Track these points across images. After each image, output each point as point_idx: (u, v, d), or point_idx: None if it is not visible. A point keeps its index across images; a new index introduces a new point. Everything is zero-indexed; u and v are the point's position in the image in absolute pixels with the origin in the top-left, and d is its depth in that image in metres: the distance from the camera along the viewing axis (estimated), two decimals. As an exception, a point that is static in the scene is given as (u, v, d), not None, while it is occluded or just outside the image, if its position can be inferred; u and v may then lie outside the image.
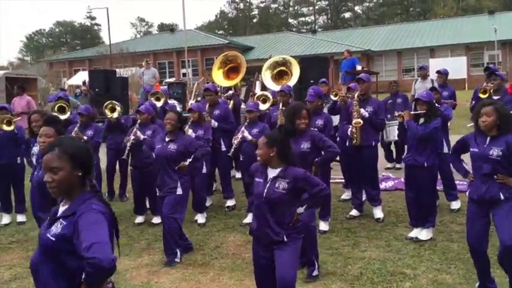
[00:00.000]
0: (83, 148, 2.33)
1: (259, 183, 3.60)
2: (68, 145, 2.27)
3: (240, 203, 7.17)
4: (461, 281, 4.43)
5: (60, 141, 2.31)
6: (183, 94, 13.98)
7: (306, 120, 4.66)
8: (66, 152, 2.24)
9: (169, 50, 37.87)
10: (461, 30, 34.40)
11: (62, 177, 2.22)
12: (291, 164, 3.56)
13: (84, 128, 6.69)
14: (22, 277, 4.99)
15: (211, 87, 7.44)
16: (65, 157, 2.23)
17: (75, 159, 2.25)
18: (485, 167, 3.96)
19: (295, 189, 3.52)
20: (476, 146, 4.06)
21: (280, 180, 3.50)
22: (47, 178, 2.22)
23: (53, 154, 2.23)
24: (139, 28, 75.90)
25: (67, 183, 2.24)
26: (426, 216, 5.47)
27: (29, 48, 73.12)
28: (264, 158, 3.54)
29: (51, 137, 3.90)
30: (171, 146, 5.35)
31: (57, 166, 2.21)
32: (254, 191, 3.66)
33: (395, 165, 9.05)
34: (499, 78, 6.69)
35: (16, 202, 7.05)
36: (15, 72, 21.28)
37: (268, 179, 3.54)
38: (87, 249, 2.00)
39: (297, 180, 3.50)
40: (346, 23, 66.43)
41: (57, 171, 2.21)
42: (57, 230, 2.21)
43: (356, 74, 11.07)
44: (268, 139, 3.52)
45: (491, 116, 3.92)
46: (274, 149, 3.50)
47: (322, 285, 4.51)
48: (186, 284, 4.68)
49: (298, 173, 3.54)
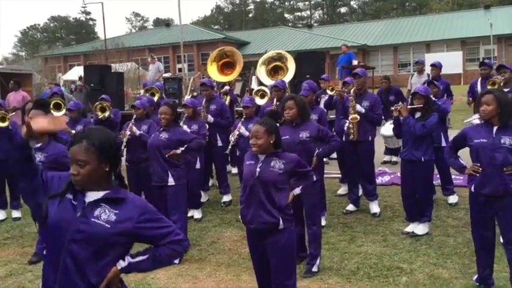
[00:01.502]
0: (111, 140, 2.21)
1: (250, 164, 3.52)
2: (96, 137, 2.16)
3: (236, 198, 7.14)
4: (458, 275, 4.44)
5: (88, 133, 2.19)
6: (179, 89, 13.91)
7: (291, 110, 4.61)
8: (94, 145, 2.13)
9: (165, 45, 37.77)
10: (457, 25, 34.41)
11: (88, 171, 2.12)
12: (282, 150, 3.57)
13: (74, 123, 6.65)
14: (18, 273, 4.97)
15: (207, 82, 7.41)
16: (93, 150, 2.12)
17: (103, 153, 2.14)
18: (497, 156, 3.82)
19: (291, 171, 3.52)
20: (481, 136, 3.93)
21: (276, 160, 3.46)
22: (72, 170, 2.12)
23: (80, 146, 2.12)
24: (134, 23, 75.70)
25: (93, 177, 2.14)
26: (422, 210, 5.47)
27: (24, 43, 72.74)
28: (264, 147, 3.45)
29: None
30: (162, 135, 5.32)
31: (84, 159, 2.11)
32: (244, 173, 3.57)
33: (392, 158, 9.05)
34: (509, 71, 6.63)
35: (11, 198, 7.01)
36: (10, 68, 21.12)
37: (260, 160, 3.49)
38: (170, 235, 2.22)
39: (295, 163, 3.52)
40: (342, 17, 66.33)
41: (84, 165, 2.11)
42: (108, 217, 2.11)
43: (352, 69, 11.04)
44: (267, 126, 3.44)
45: (491, 104, 3.83)
46: (273, 136, 3.47)
47: (319, 280, 4.51)
48: (182, 279, 4.67)
49: (294, 156, 3.59)
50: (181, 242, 2.25)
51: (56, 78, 28.24)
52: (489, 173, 3.88)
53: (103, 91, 10.83)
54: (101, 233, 2.08)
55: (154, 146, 5.32)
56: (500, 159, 3.83)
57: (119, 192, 2.19)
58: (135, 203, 2.19)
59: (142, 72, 25.61)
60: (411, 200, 5.54)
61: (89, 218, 2.11)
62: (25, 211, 6.97)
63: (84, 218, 2.10)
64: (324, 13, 70.75)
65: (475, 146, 3.98)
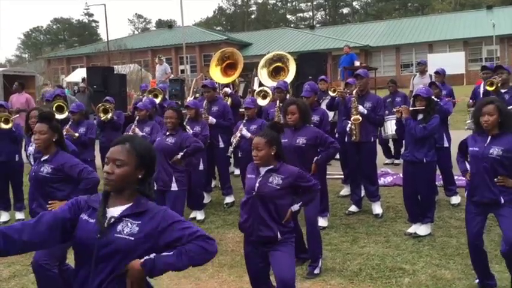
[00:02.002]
0: (151, 150, 2.25)
1: (250, 178, 3.57)
2: (139, 143, 2.22)
3: (238, 200, 7.15)
4: (460, 276, 4.44)
5: (132, 138, 2.26)
6: (181, 90, 13.95)
7: (294, 115, 4.59)
8: (136, 149, 2.17)
9: (167, 46, 37.82)
10: (459, 25, 34.39)
11: (123, 172, 2.13)
12: (284, 161, 3.56)
13: (77, 125, 6.66)
14: (21, 275, 4.99)
15: (209, 83, 7.42)
16: (134, 153, 2.16)
17: (142, 159, 2.18)
18: (484, 166, 3.89)
19: (289, 186, 3.50)
20: (475, 145, 3.99)
21: (275, 175, 3.47)
22: (108, 169, 2.13)
23: (122, 147, 2.16)
24: (137, 25, 75.82)
25: (126, 180, 2.15)
26: (425, 211, 5.47)
27: (27, 45, 72.96)
28: (265, 159, 3.46)
29: (45, 134, 3.87)
30: (169, 140, 5.36)
31: (123, 160, 2.14)
32: (245, 186, 3.63)
33: (393, 161, 9.06)
34: (506, 71, 6.66)
35: (14, 200, 7.03)
36: (13, 70, 21.23)
37: (260, 174, 3.51)
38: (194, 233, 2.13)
39: (294, 177, 3.50)
40: (344, 18, 66.32)
41: (121, 165, 2.14)
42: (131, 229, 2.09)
43: (354, 70, 11.04)
44: (268, 138, 3.45)
45: (494, 114, 3.84)
46: (273, 147, 3.47)
47: (321, 281, 4.52)
48: (185, 280, 4.68)
49: (294, 170, 3.54)
50: (207, 239, 2.15)
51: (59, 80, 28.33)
52: (476, 181, 3.97)
53: (106, 93, 10.85)
54: (126, 246, 2.08)
55: (160, 150, 5.33)
56: (485, 169, 3.89)
57: (140, 206, 2.17)
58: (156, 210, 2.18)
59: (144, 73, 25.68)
60: (413, 200, 5.54)
61: (112, 234, 2.10)
62: (28, 213, 6.98)
63: (107, 237, 2.09)
64: (326, 14, 70.77)
65: (469, 153, 4.08)
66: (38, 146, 3.94)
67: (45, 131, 3.88)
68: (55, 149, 3.93)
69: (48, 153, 3.91)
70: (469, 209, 4.11)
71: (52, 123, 3.97)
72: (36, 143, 3.96)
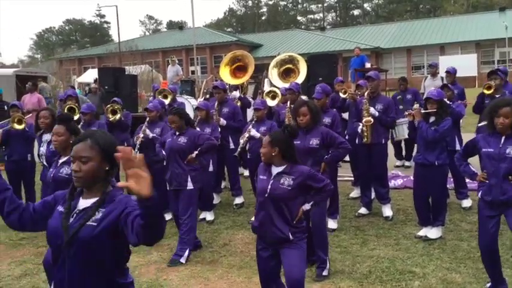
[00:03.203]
0: (113, 142, 2.29)
1: (262, 180, 3.61)
2: (100, 137, 2.28)
3: (248, 201, 7.17)
4: (471, 280, 4.40)
5: (92, 133, 2.32)
6: (191, 92, 14.00)
7: (305, 117, 4.61)
8: (98, 143, 2.24)
9: (178, 47, 37.97)
10: (471, 27, 34.12)
11: (90, 168, 2.21)
12: (295, 162, 3.59)
13: (88, 126, 6.69)
14: (32, 273, 5.03)
15: (220, 85, 7.44)
16: (96, 148, 2.23)
17: (105, 152, 2.24)
18: (502, 167, 3.85)
19: (300, 186, 3.54)
20: (489, 145, 3.95)
21: (285, 177, 3.53)
22: (74, 167, 2.21)
23: (84, 144, 2.24)
24: (148, 26, 76.33)
25: (93, 175, 2.23)
26: (436, 215, 5.43)
27: (39, 46, 73.69)
28: (267, 157, 3.57)
29: (62, 136, 3.92)
30: (181, 139, 5.36)
31: (87, 156, 2.22)
32: (257, 188, 3.67)
33: (404, 163, 9.01)
34: (500, 77, 6.76)
35: (26, 199, 7.09)
36: (26, 70, 21.44)
37: (272, 176, 3.56)
38: None
39: (304, 177, 3.53)
40: (355, 20, 66.17)
41: (87, 161, 2.21)
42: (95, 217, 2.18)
43: (365, 72, 11.01)
44: (271, 138, 3.55)
45: (510, 117, 3.80)
46: (276, 148, 3.52)
47: (330, 283, 4.50)
48: (194, 281, 4.69)
49: (305, 170, 3.59)
50: None
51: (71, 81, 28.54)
52: (493, 182, 3.92)
53: (117, 94, 10.91)
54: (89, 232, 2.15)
55: (173, 151, 5.37)
56: (504, 170, 3.85)
57: (107, 198, 2.24)
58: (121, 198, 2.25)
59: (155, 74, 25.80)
60: (424, 204, 5.51)
61: (58, 170, 2.22)
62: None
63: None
64: (337, 15, 70.64)
65: (483, 155, 4.02)
66: (55, 147, 3.99)
67: (63, 132, 3.93)
68: None
69: (67, 155, 3.95)
70: (483, 210, 4.05)
71: (70, 125, 4.02)
72: (54, 145, 4.00)
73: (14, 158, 6.79)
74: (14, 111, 6.81)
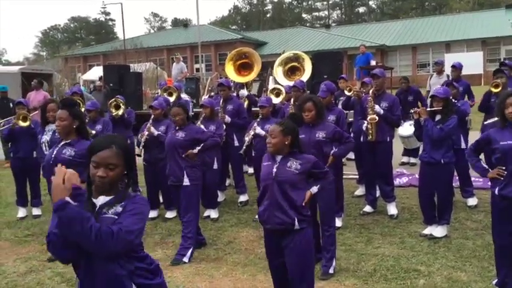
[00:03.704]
0: (131, 147, 2.37)
1: (267, 165, 3.56)
2: (122, 144, 2.32)
3: (252, 198, 7.17)
4: (476, 279, 4.38)
5: (114, 139, 2.33)
6: (196, 89, 14.01)
7: (311, 112, 4.62)
8: (123, 150, 2.28)
9: (183, 45, 37.96)
10: (477, 24, 33.90)
11: (116, 174, 2.25)
12: (301, 151, 3.59)
13: (93, 123, 6.72)
14: (38, 270, 5.05)
15: (224, 82, 7.44)
16: (121, 155, 2.27)
17: (127, 158, 2.31)
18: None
19: (307, 172, 3.53)
20: (505, 139, 3.86)
21: (292, 160, 3.49)
22: (101, 173, 2.21)
23: (111, 151, 2.25)
24: (153, 23, 76.29)
25: (118, 180, 2.28)
26: (441, 213, 5.41)
27: (45, 43, 73.87)
28: (278, 147, 3.48)
29: (65, 120, 3.90)
30: (179, 134, 5.33)
31: (115, 163, 2.24)
32: (261, 174, 3.61)
33: (410, 159, 8.97)
34: (505, 76, 6.78)
35: (32, 196, 7.14)
36: (31, 68, 21.51)
37: (277, 160, 3.52)
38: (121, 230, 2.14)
39: (311, 163, 3.53)
40: (360, 17, 65.91)
41: (114, 169, 2.24)
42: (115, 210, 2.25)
43: (370, 69, 10.98)
44: (284, 127, 3.48)
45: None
46: (289, 137, 3.49)
47: (335, 281, 4.50)
48: (199, 278, 4.70)
49: (311, 157, 3.59)
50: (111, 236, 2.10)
51: (76, 78, 28.62)
52: None
53: (121, 91, 10.94)
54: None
55: (171, 145, 5.34)
56: None
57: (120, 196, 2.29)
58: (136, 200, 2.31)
59: (160, 72, 25.81)
60: (429, 202, 5.48)
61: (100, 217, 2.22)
62: (45, 209, 7.08)
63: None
64: (342, 13, 70.42)
65: (501, 148, 3.90)
66: (58, 132, 3.97)
67: (66, 117, 3.91)
68: (76, 137, 3.95)
69: (70, 138, 3.93)
70: (500, 206, 3.97)
71: (73, 110, 3.99)
72: (57, 129, 3.99)
73: (19, 155, 6.83)
74: (20, 109, 6.84)
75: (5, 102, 10.75)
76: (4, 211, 7.47)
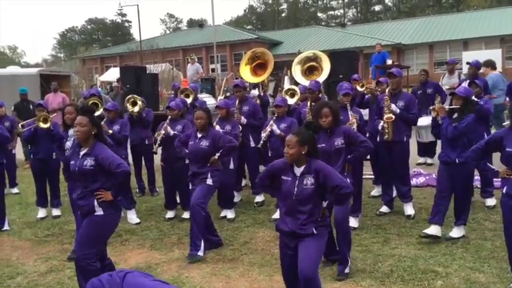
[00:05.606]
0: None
1: (287, 181, 3.61)
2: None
3: (268, 199, 7.18)
4: (495, 280, 4.34)
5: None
6: (212, 89, 14.06)
7: (327, 118, 4.58)
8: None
9: (198, 45, 38.15)
10: (495, 21, 33.37)
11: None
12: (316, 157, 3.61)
13: (111, 123, 6.81)
14: (58, 270, 5.14)
15: (240, 83, 7.46)
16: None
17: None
18: None
19: (319, 183, 3.54)
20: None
21: (307, 176, 3.55)
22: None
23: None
24: (168, 24, 76.69)
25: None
26: (459, 213, 5.36)
27: (62, 45, 74.82)
28: (294, 157, 3.53)
29: (85, 127, 4.01)
30: (203, 143, 5.50)
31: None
32: (282, 189, 3.64)
33: (426, 160, 8.90)
34: None
35: (51, 196, 7.24)
36: (49, 69, 21.82)
37: (297, 177, 3.57)
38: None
39: (318, 173, 3.53)
40: (376, 16, 65.44)
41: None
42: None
43: (387, 69, 10.90)
44: (300, 137, 3.52)
45: None
46: (305, 147, 3.52)
47: (352, 282, 4.49)
48: (215, 278, 4.73)
49: (318, 165, 3.58)
50: None
51: (93, 79, 28.95)
52: None
53: (138, 92, 11.02)
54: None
55: (195, 154, 5.56)
56: None
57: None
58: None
59: (176, 73, 25.99)
60: (443, 201, 5.35)
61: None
62: (64, 209, 7.19)
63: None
64: (357, 11, 69.94)
65: (508, 154, 3.94)
66: (77, 137, 4.08)
67: (85, 123, 4.02)
68: (94, 142, 4.06)
69: (87, 146, 4.04)
70: (507, 203, 3.98)
71: (92, 117, 4.13)
72: (76, 135, 4.09)
73: (39, 157, 6.94)
74: (40, 110, 6.96)
75: (25, 104, 10.92)
76: (25, 212, 7.60)
